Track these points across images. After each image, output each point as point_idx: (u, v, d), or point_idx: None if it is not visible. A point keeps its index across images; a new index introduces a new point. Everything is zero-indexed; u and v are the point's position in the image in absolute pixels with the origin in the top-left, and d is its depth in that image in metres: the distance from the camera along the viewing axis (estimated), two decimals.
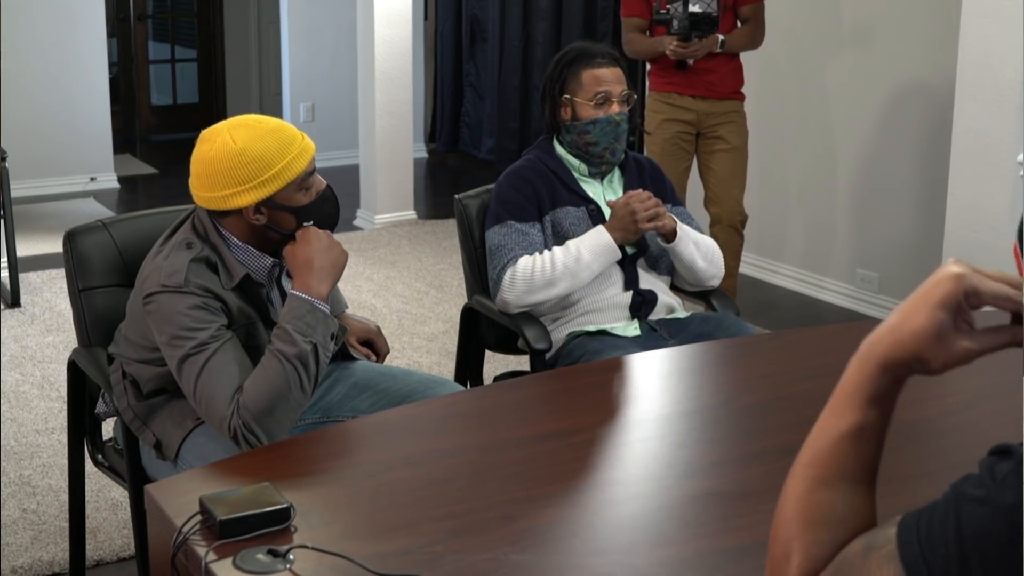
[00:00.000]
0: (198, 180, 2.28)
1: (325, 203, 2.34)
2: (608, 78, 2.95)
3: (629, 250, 2.94)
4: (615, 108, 2.95)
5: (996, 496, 1.05)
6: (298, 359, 2.18)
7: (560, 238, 2.92)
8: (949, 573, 1.05)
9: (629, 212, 2.84)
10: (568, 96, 2.97)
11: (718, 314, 3.00)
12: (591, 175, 3.01)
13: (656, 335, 2.87)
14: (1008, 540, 1.03)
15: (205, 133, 2.30)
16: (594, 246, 2.86)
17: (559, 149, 3.02)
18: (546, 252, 2.88)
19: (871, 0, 5.07)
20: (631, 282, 2.93)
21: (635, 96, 3.01)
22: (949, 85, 4.28)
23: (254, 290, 2.33)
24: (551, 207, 2.95)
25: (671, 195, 3.08)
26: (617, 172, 3.05)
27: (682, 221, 3.01)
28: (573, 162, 3.00)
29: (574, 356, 2.78)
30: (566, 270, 2.84)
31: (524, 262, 2.86)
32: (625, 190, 2.99)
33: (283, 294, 2.40)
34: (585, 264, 2.85)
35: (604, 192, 3.02)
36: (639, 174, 3.05)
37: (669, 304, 2.97)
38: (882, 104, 5.06)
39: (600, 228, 2.89)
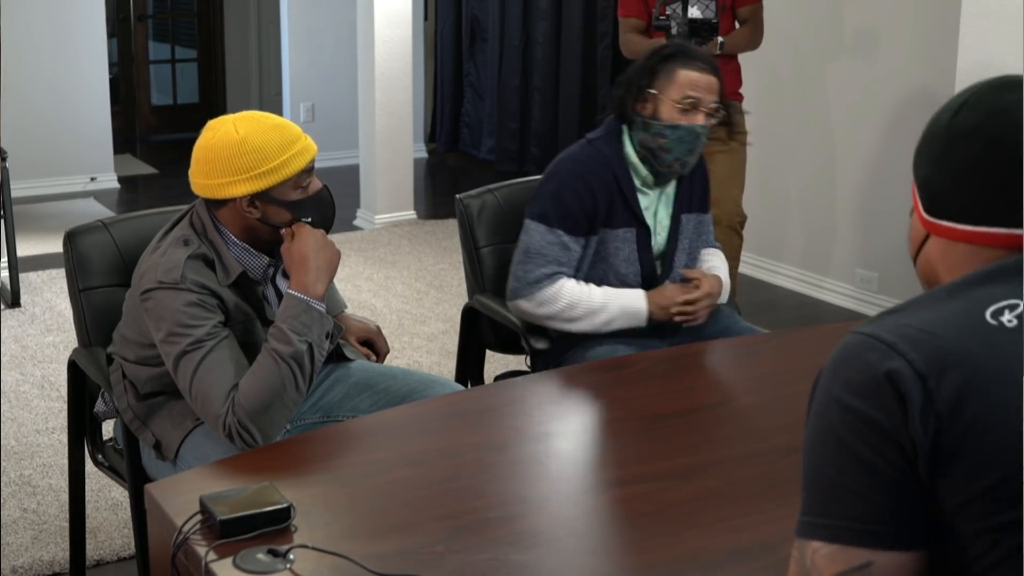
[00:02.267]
0: (197, 167, 2.29)
1: (321, 202, 2.34)
2: (703, 84, 2.75)
3: (660, 274, 2.86)
4: (700, 119, 2.76)
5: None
6: (293, 358, 2.18)
7: (600, 259, 2.81)
8: (803, 499, 1.23)
9: (673, 305, 2.74)
10: (655, 91, 2.77)
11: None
12: (654, 185, 2.85)
13: (655, 333, 2.87)
14: (814, 445, 1.24)
15: (210, 122, 2.31)
16: (627, 311, 2.75)
17: (629, 150, 2.82)
18: (587, 290, 2.76)
19: (871, 1, 5.07)
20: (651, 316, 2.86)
21: (723, 113, 2.82)
22: (949, 85, 4.28)
23: (251, 288, 2.33)
24: (604, 225, 2.79)
25: (707, 202, 2.99)
26: (674, 180, 2.90)
27: (703, 229, 2.98)
28: (639, 169, 2.81)
29: (576, 356, 2.77)
30: (591, 316, 2.75)
31: (570, 290, 2.75)
32: (677, 202, 2.88)
33: (278, 293, 2.40)
34: (609, 320, 2.76)
35: (658, 202, 2.87)
36: (691, 176, 2.91)
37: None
38: (882, 104, 5.06)
39: (641, 296, 2.76)
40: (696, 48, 2.86)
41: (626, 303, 2.76)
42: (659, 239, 2.88)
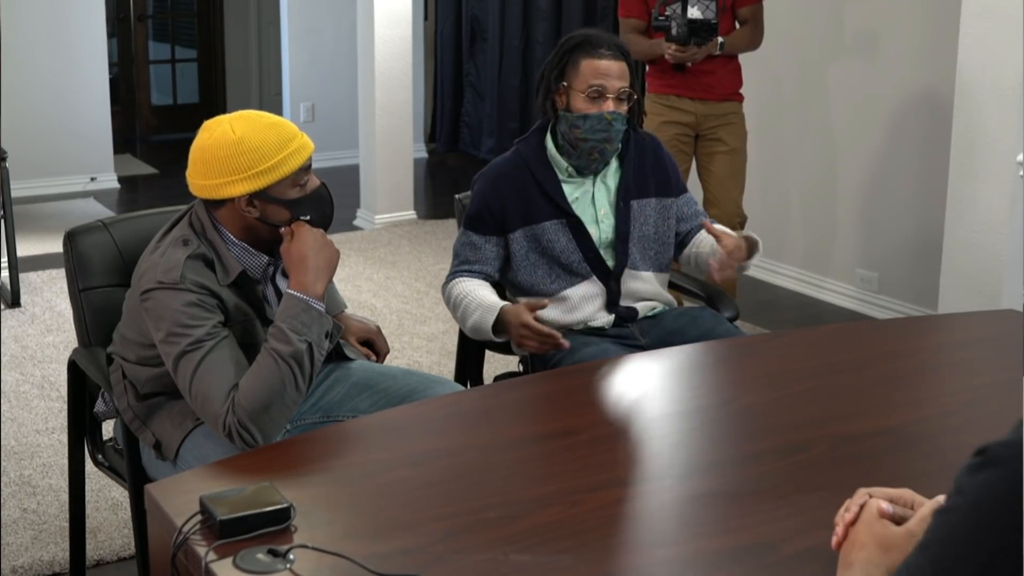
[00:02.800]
0: (194, 167, 2.29)
1: (320, 200, 2.34)
2: (607, 71, 2.80)
3: (610, 263, 2.87)
4: (609, 105, 2.80)
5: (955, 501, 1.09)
6: (293, 358, 2.18)
7: (539, 255, 2.85)
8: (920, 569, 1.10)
9: (522, 327, 2.66)
10: (565, 84, 2.85)
11: (693, 309, 2.97)
12: (581, 174, 2.89)
13: (628, 331, 2.87)
14: (963, 539, 1.07)
15: (207, 123, 2.31)
16: (479, 324, 2.74)
17: (549, 144, 2.90)
18: (467, 290, 2.79)
19: (871, 2, 5.07)
20: (612, 302, 2.89)
21: (635, 96, 2.86)
22: (949, 85, 4.28)
23: (250, 287, 2.33)
24: (524, 223, 2.84)
25: (675, 181, 2.99)
26: (615, 165, 2.92)
27: (688, 208, 3.00)
28: (560, 162, 2.88)
29: (574, 357, 2.77)
30: (463, 318, 2.79)
31: (458, 290, 2.82)
32: (621, 188, 2.89)
33: (278, 292, 2.40)
34: (473, 329, 2.77)
35: (595, 191, 2.90)
36: (639, 162, 2.92)
37: (651, 305, 2.94)
38: (882, 104, 5.06)
39: (490, 318, 2.70)
40: (602, 34, 2.89)
41: (480, 317, 2.74)
42: (603, 227, 2.89)
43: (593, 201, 2.90)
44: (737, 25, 4.56)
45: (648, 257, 2.93)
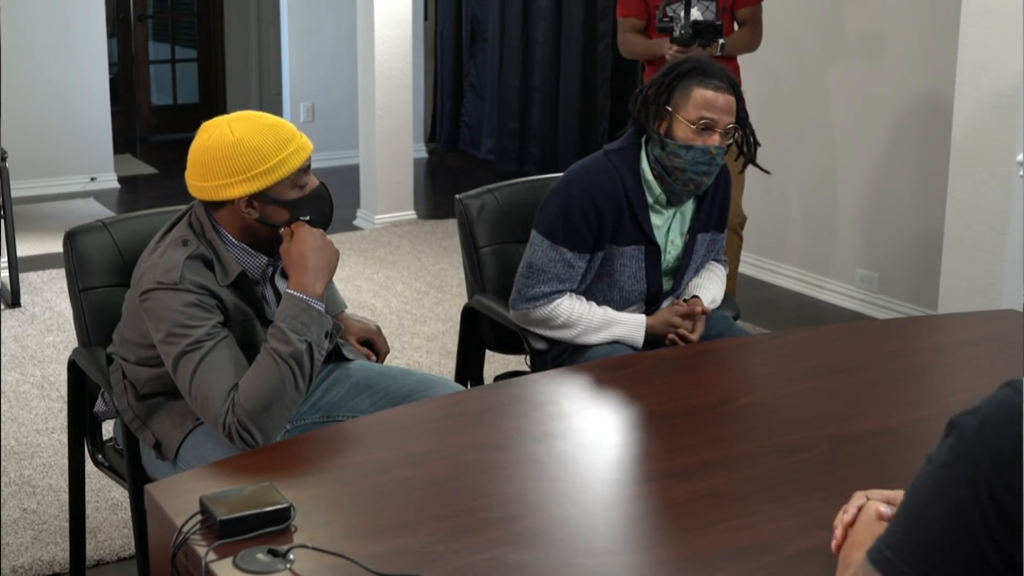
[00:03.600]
0: (193, 169, 2.29)
1: (319, 200, 2.34)
2: (719, 104, 2.68)
3: (666, 289, 2.87)
4: (716, 140, 2.68)
5: (932, 455, 1.19)
6: (292, 358, 2.18)
7: (605, 274, 2.79)
8: (895, 532, 1.19)
9: (670, 327, 2.77)
10: (671, 109, 2.71)
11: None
12: (669, 203, 2.79)
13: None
14: (934, 495, 1.16)
15: (205, 124, 2.31)
16: (625, 336, 2.77)
17: (644, 163, 2.77)
18: (586, 310, 2.76)
19: (871, 2, 5.07)
20: (650, 313, 2.87)
21: (740, 131, 2.77)
22: (949, 85, 4.28)
23: (250, 287, 2.33)
24: (610, 242, 2.76)
25: (726, 220, 2.94)
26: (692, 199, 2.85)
27: (716, 247, 2.96)
28: (654, 187, 2.76)
29: (575, 356, 2.77)
30: (587, 335, 2.76)
31: (567, 309, 2.75)
32: (694, 222, 2.84)
33: (277, 293, 2.40)
34: (605, 340, 2.77)
35: (672, 220, 2.82)
36: (713, 195, 2.86)
37: None
38: (882, 104, 5.06)
39: (641, 325, 2.77)
40: (715, 64, 2.76)
41: (623, 333, 2.77)
42: (669, 257, 2.85)
43: (668, 231, 2.84)
44: (736, 26, 4.56)
45: (685, 286, 2.92)
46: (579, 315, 2.76)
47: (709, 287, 2.91)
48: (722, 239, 2.98)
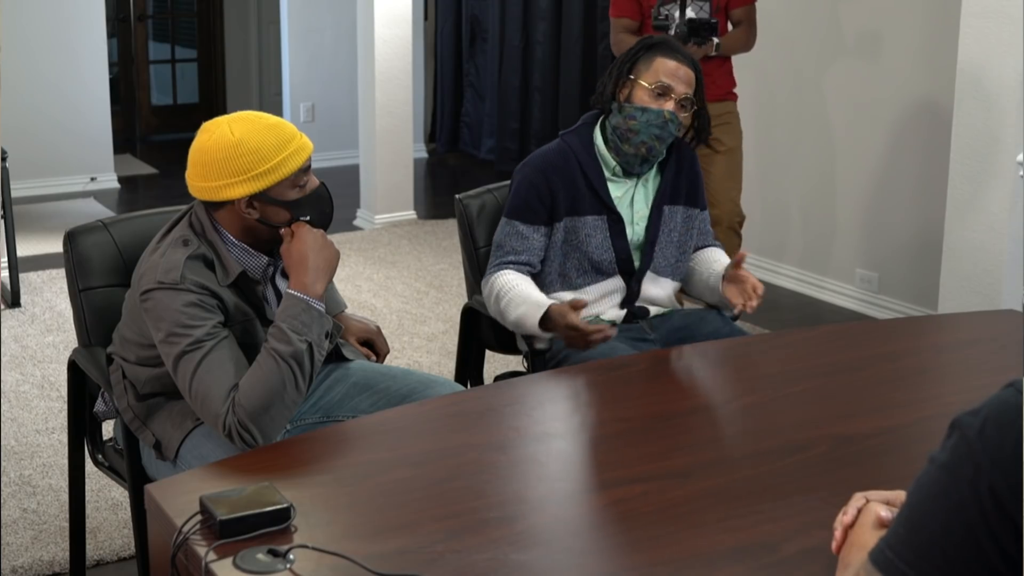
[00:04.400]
0: (194, 169, 2.29)
1: (320, 200, 2.34)
2: (679, 75, 2.83)
3: (636, 263, 2.90)
4: (671, 106, 2.82)
5: (934, 455, 1.20)
6: (293, 358, 2.18)
7: (573, 247, 2.85)
8: (896, 532, 1.19)
9: (568, 329, 2.64)
10: (632, 77, 2.86)
11: (700, 310, 2.99)
12: (626, 174, 2.90)
13: (637, 326, 2.89)
14: (935, 495, 1.17)
15: (206, 124, 2.32)
16: (527, 314, 2.72)
17: (598, 139, 2.90)
18: (512, 283, 2.78)
19: (870, 2, 5.07)
20: (629, 300, 2.91)
21: (696, 107, 2.87)
22: (948, 85, 4.28)
23: (250, 287, 2.33)
24: (568, 212, 2.85)
25: (701, 195, 3.01)
26: (654, 171, 2.94)
27: (704, 224, 3.01)
28: (608, 159, 2.88)
29: (573, 356, 2.77)
30: (506, 311, 2.76)
31: (502, 282, 2.79)
32: (659, 193, 2.91)
33: (278, 293, 2.40)
34: (515, 322, 2.76)
35: (635, 192, 2.91)
36: (677, 170, 2.94)
37: (660, 309, 2.95)
38: (881, 104, 5.06)
39: (541, 306, 2.69)
40: (683, 46, 2.89)
41: (526, 311, 2.72)
42: (637, 229, 2.91)
43: (632, 203, 2.92)
44: (730, 26, 4.56)
45: (669, 264, 2.94)
46: (510, 287, 2.79)
47: (722, 259, 2.96)
48: (703, 218, 3.02)
